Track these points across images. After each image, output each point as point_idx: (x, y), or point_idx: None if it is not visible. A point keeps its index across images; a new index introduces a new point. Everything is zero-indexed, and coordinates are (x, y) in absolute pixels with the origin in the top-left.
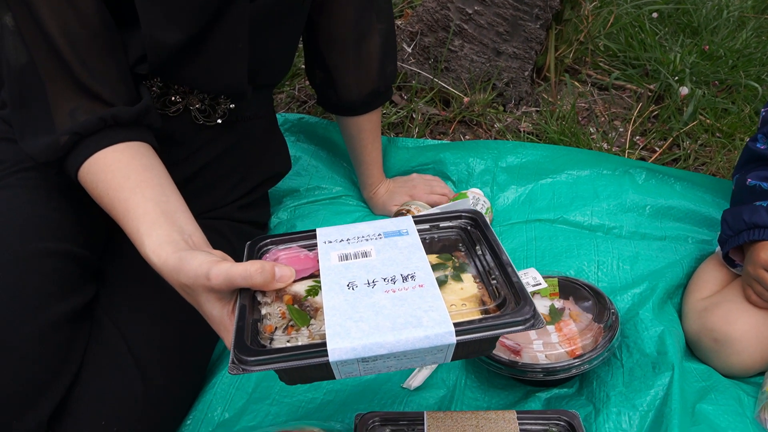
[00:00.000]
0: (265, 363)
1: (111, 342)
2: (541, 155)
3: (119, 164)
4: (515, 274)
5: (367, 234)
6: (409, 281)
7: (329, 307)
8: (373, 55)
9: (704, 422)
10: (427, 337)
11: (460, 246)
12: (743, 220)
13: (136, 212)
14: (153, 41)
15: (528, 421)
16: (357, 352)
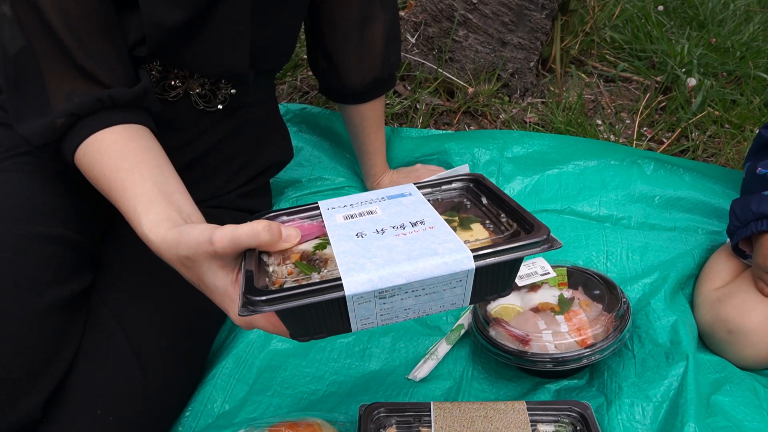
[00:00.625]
0: (277, 302)
1: (108, 330)
2: (548, 145)
3: (116, 145)
4: (524, 210)
5: (370, 198)
6: (419, 225)
7: (340, 252)
8: (377, 41)
9: (720, 413)
10: (445, 263)
11: (466, 201)
12: (751, 210)
13: (134, 191)
14: (152, 21)
15: (538, 412)
16: (374, 283)
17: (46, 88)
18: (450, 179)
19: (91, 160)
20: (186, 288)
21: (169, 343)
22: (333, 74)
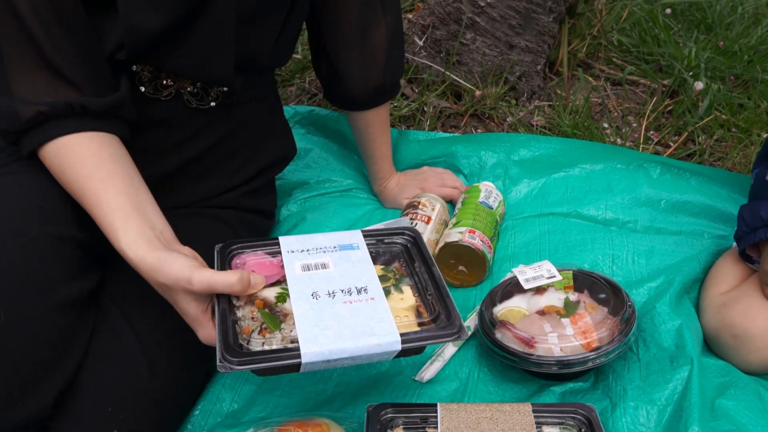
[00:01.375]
0: (248, 363)
1: (117, 329)
2: (554, 149)
3: (88, 152)
4: (446, 292)
5: (324, 246)
6: (363, 294)
7: (299, 314)
8: (379, 49)
9: (724, 417)
10: (380, 344)
11: (402, 260)
12: (760, 217)
13: (109, 205)
14: (131, 26)
15: (543, 414)
16: (324, 355)
17: (5, 66)
18: (391, 231)
19: (61, 162)
20: None
21: (177, 341)
22: (336, 81)
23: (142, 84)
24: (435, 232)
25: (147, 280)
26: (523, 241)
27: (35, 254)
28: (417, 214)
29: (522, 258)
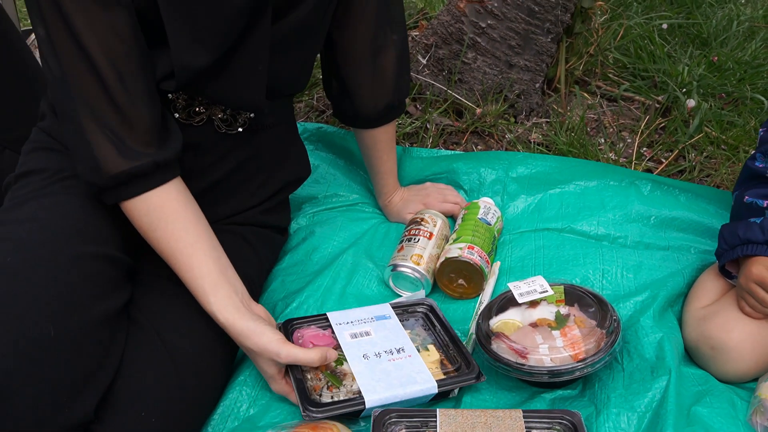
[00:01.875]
0: (326, 412)
1: (148, 339)
2: (551, 166)
3: (174, 213)
4: (464, 346)
5: (363, 318)
6: (402, 353)
7: (357, 372)
8: (389, 70)
9: (698, 423)
10: (422, 390)
11: (422, 326)
12: (738, 236)
13: (201, 271)
14: (181, 64)
15: (533, 419)
16: (381, 401)
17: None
18: (414, 303)
19: (151, 222)
20: None
21: (201, 350)
22: (346, 100)
23: (177, 111)
24: (436, 247)
25: (234, 341)
26: (519, 255)
27: (77, 272)
28: (420, 230)
29: (518, 272)
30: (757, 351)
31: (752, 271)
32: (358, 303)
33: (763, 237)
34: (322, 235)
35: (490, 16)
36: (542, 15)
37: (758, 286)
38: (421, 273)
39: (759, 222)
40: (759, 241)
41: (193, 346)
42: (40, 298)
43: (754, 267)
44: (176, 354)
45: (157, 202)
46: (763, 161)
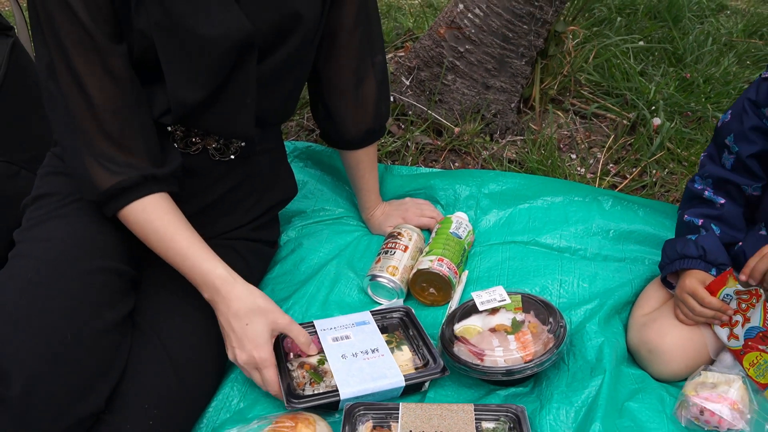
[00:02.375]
0: (306, 403)
1: (150, 342)
2: (520, 183)
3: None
4: (433, 346)
5: (345, 324)
6: (376, 353)
7: (335, 369)
8: (370, 99)
9: (628, 416)
10: (391, 383)
11: (401, 328)
12: (676, 251)
13: (197, 257)
14: (176, 99)
15: (483, 413)
16: (355, 393)
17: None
18: (393, 309)
19: (143, 223)
20: (201, 314)
21: (197, 353)
22: (331, 125)
23: (175, 141)
24: (411, 259)
25: (231, 303)
26: (487, 266)
27: (89, 284)
28: (396, 243)
29: (485, 281)
30: (687, 354)
31: (686, 282)
32: (339, 310)
33: (697, 252)
34: (309, 247)
35: (467, 42)
36: (516, 41)
37: (690, 296)
38: (396, 283)
39: (694, 239)
40: (693, 256)
41: (191, 348)
42: (58, 309)
43: (687, 279)
44: (175, 355)
45: (148, 208)
46: (701, 183)
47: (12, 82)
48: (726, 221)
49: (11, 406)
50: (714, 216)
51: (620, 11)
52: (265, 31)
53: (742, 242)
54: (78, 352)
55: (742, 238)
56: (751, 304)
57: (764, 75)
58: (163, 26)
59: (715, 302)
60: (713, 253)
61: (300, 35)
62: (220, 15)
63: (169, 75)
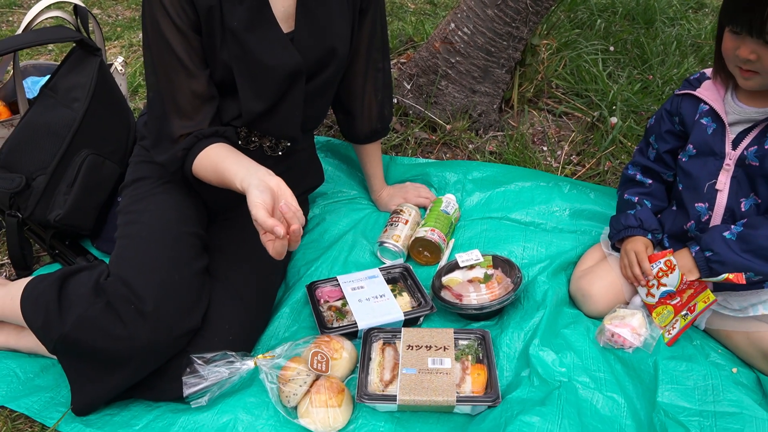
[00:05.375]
0: (336, 331)
1: (223, 286)
2: (497, 171)
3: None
4: (425, 293)
5: (360, 278)
6: (383, 297)
7: (354, 309)
8: (374, 105)
9: (561, 337)
10: (393, 317)
11: (401, 280)
12: (621, 223)
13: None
14: (246, 109)
15: (460, 334)
16: (368, 324)
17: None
18: (397, 266)
19: (205, 164)
20: (264, 263)
21: (257, 292)
22: (346, 124)
23: (240, 139)
24: (410, 230)
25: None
26: (469, 236)
27: (182, 243)
28: (399, 218)
29: (466, 247)
30: (608, 298)
31: (628, 245)
32: (356, 267)
33: (636, 223)
34: (331, 221)
35: (457, 54)
36: (497, 54)
37: (633, 254)
38: (399, 247)
39: (633, 213)
40: (634, 225)
41: (251, 291)
42: (166, 258)
43: (631, 243)
44: (242, 296)
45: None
46: (633, 170)
47: (100, 92)
48: (654, 196)
49: (148, 317)
50: (645, 193)
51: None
52: (311, 63)
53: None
54: (182, 286)
55: (666, 206)
56: (666, 274)
57: (677, 92)
58: (240, 58)
59: (645, 266)
60: (647, 222)
61: (335, 65)
62: (280, 51)
63: (242, 91)
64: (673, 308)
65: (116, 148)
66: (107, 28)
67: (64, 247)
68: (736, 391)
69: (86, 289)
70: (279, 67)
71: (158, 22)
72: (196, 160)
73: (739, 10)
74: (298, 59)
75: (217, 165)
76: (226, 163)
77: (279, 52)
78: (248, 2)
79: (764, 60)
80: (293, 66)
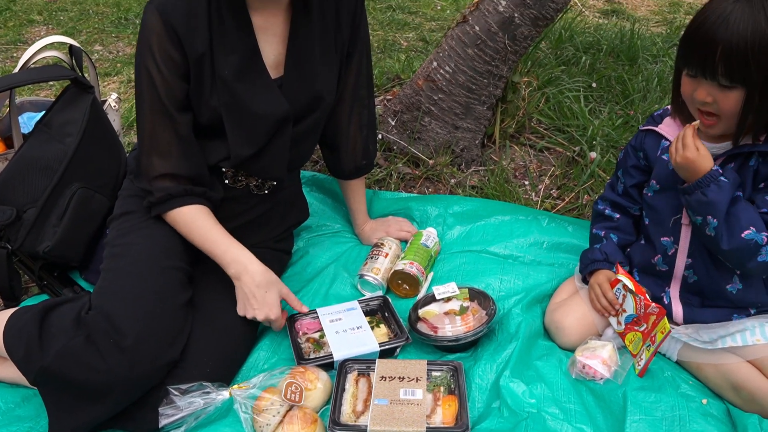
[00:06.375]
0: (313, 362)
1: (205, 318)
2: (477, 205)
3: (200, 218)
4: (402, 325)
5: (339, 310)
6: (359, 329)
7: (331, 341)
8: (359, 142)
9: (533, 369)
10: (369, 349)
11: (379, 312)
12: (588, 258)
13: (232, 251)
14: (235, 153)
15: (433, 366)
16: (344, 356)
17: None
18: (374, 299)
19: (187, 223)
20: None
21: (237, 325)
22: (332, 160)
23: (227, 179)
24: (390, 263)
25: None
26: (448, 269)
27: (167, 276)
28: (380, 251)
29: (445, 279)
30: (581, 330)
31: (594, 278)
32: (336, 300)
33: (601, 257)
34: (314, 254)
35: (440, 92)
36: (478, 91)
37: (598, 287)
38: (378, 280)
39: (599, 247)
40: (599, 259)
41: (232, 322)
42: (150, 291)
43: (596, 276)
44: (222, 328)
45: (192, 212)
46: (602, 204)
47: (92, 127)
48: (621, 230)
49: (126, 351)
50: (612, 227)
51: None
52: (298, 109)
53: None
54: (164, 320)
55: (634, 240)
56: (623, 296)
57: (641, 128)
58: (230, 105)
59: (610, 296)
60: (612, 255)
61: (321, 110)
62: (269, 99)
63: (231, 137)
64: (641, 335)
65: (107, 181)
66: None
67: (52, 279)
68: (702, 422)
69: (68, 322)
70: (268, 114)
71: (146, 66)
72: (168, 216)
73: (693, 53)
74: (286, 107)
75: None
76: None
77: (268, 99)
78: (240, 51)
79: (720, 102)
80: (281, 113)
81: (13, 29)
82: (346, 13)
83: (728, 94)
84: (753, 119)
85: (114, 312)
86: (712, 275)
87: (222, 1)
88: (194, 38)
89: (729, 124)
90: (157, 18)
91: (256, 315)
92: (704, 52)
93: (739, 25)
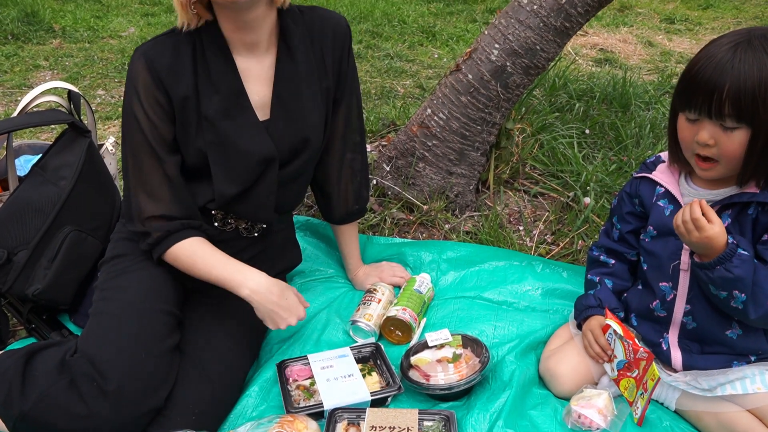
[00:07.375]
0: (303, 411)
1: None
2: (471, 251)
3: (202, 250)
4: (394, 373)
5: (330, 357)
6: (351, 377)
7: (321, 389)
8: (351, 189)
9: (527, 419)
10: (360, 398)
11: (371, 360)
12: (582, 304)
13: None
14: (219, 192)
15: (424, 415)
16: (334, 404)
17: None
18: (367, 345)
19: (190, 255)
20: (237, 340)
21: (226, 370)
22: (324, 206)
23: (216, 221)
24: (383, 309)
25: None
26: (441, 315)
27: (155, 320)
28: (372, 297)
29: (438, 326)
30: (575, 379)
31: (587, 325)
32: (328, 346)
33: (595, 303)
34: (307, 299)
35: (434, 138)
36: (472, 138)
37: (590, 333)
38: (371, 326)
39: (593, 293)
40: (593, 305)
41: (221, 370)
42: (136, 336)
43: (587, 323)
44: (210, 374)
45: (194, 244)
46: (597, 251)
47: (87, 171)
48: (616, 275)
49: (109, 396)
50: (607, 273)
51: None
52: (285, 151)
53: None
54: (149, 364)
55: (630, 285)
56: (614, 341)
57: (635, 175)
58: (215, 144)
59: (602, 341)
60: (606, 301)
61: (308, 153)
62: (254, 139)
63: (215, 175)
64: (635, 381)
65: (100, 224)
66: (109, 108)
67: (40, 322)
68: None
69: (51, 366)
70: (253, 152)
71: (133, 111)
72: (169, 254)
73: (697, 94)
74: (272, 147)
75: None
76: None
77: (254, 138)
78: (225, 91)
79: (722, 145)
80: (267, 153)
81: (19, 74)
82: (331, 60)
83: (731, 135)
84: (756, 161)
85: (98, 356)
86: (712, 321)
87: (207, 45)
88: (179, 82)
89: (728, 168)
90: (143, 64)
91: (289, 323)
92: (710, 91)
93: (744, 64)
